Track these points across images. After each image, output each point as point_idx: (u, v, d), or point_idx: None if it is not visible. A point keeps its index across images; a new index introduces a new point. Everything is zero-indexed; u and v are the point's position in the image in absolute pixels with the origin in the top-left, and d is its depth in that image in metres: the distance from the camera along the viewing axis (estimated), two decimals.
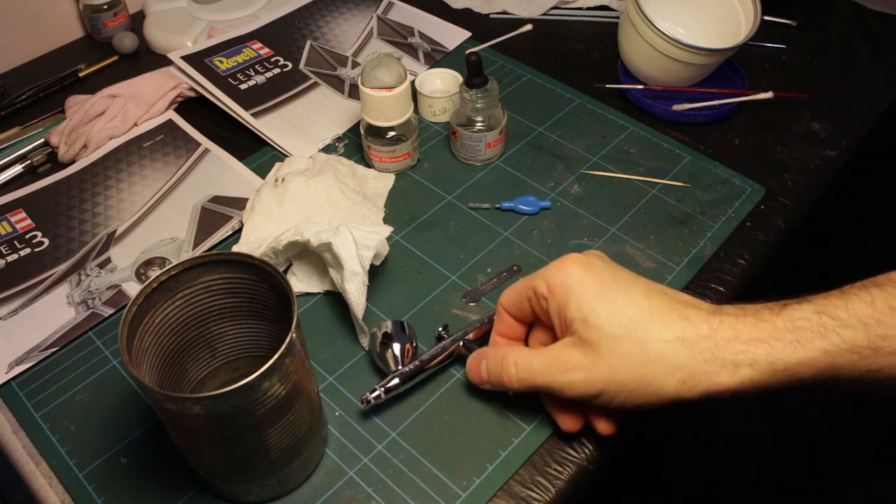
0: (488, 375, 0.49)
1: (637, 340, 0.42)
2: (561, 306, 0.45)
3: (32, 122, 0.76)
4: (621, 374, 0.43)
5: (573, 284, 0.45)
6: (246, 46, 0.82)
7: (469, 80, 0.65)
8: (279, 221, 0.62)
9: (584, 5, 0.88)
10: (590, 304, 0.44)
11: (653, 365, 0.42)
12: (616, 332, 0.43)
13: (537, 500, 0.47)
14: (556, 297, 0.46)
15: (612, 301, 0.44)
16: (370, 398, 0.50)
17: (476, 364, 0.50)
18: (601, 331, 0.43)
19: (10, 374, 0.55)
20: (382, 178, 0.68)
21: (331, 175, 0.64)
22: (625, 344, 0.43)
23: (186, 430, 0.41)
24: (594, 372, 0.43)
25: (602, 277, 0.45)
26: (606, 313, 0.43)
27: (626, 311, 0.43)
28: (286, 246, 0.56)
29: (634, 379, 0.43)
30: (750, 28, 0.70)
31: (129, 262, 0.62)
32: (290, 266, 0.59)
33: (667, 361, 0.42)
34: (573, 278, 0.45)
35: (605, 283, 0.45)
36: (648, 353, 0.42)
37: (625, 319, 0.43)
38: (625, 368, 0.43)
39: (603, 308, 0.44)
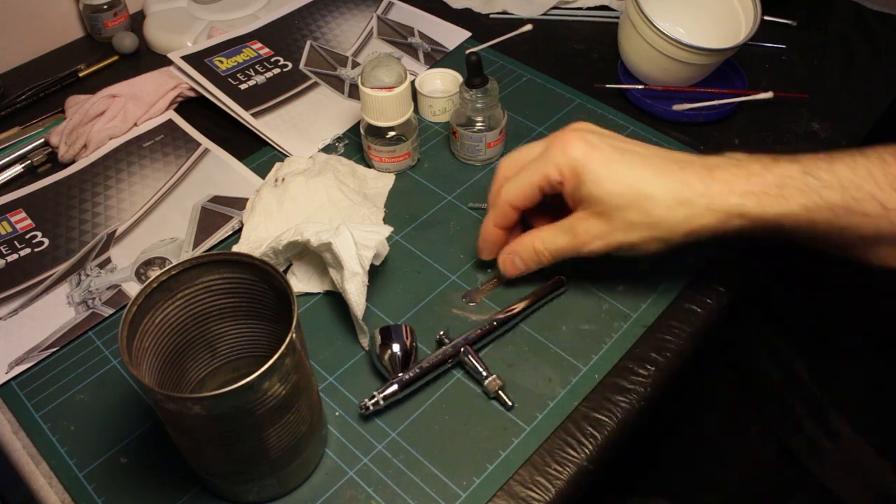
0: (524, 265, 0.55)
1: (642, 209, 0.49)
2: (574, 187, 0.50)
3: (32, 122, 0.76)
4: (633, 236, 0.50)
5: (580, 165, 0.49)
6: (246, 46, 0.82)
7: (469, 80, 0.65)
8: (279, 221, 0.62)
9: (584, 5, 0.88)
10: (598, 182, 0.49)
11: (659, 226, 0.49)
12: (623, 204, 0.49)
13: (537, 500, 0.47)
14: (568, 181, 0.50)
15: (617, 175, 0.49)
16: (369, 405, 0.50)
17: (510, 262, 0.56)
18: (611, 205, 0.49)
19: (10, 374, 0.55)
20: (382, 178, 0.68)
21: (331, 175, 0.64)
22: (632, 213, 0.49)
23: (186, 430, 0.41)
24: (610, 238, 0.50)
25: (605, 153, 0.49)
26: (614, 187, 0.49)
27: (630, 183, 0.49)
28: (286, 246, 0.56)
29: (645, 238, 0.50)
30: (750, 28, 0.70)
31: (129, 262, 0.62)
32: (290, 266, 0.59)
33: (671, 221, 0.48)
34: (579, 159, 0.49)
35: (608, 158, 0.49)
36: (653, 217, 0.49)
37: (630, 191, 0.48)
38: (635, 232, 0.49)
39: (610, 183, 0.49)
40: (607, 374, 0.53)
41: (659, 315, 0.56)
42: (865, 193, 0.46)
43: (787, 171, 0.47)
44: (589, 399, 0.52)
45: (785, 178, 0.47)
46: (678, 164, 0.49)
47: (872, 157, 0.46)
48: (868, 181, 0.46)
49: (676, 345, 0.55)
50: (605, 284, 0.58)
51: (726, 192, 0.48)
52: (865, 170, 0.46)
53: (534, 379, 0.53)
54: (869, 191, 0.45)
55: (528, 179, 0.52)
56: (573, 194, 0.51)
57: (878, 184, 0.46)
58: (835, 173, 0.46)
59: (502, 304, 0.57)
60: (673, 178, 0.48)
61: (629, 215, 0.49)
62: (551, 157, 0.51)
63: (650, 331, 0.56)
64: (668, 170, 0.49)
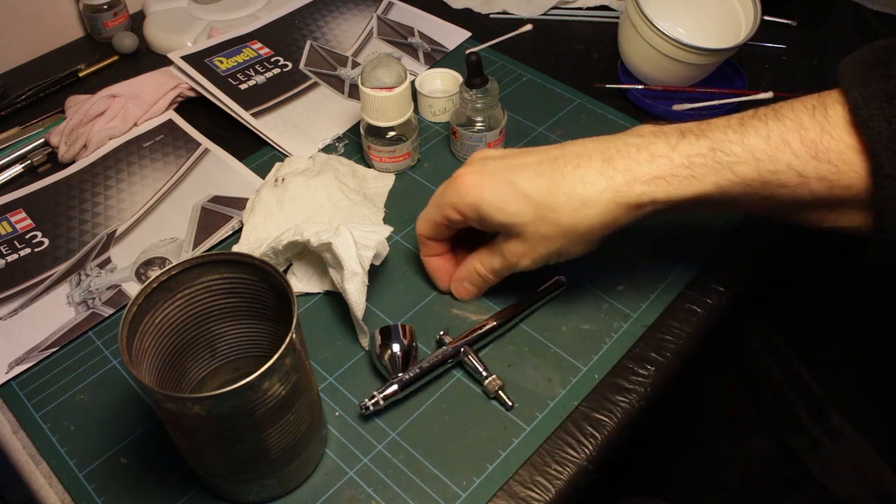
0: (475, 287, 0.56)
1: (548, 220, 0.48)
2: (480, 220, 0.50)
3: (32, 122, 0.76)
4: (552, 247, 0.49)
5: (475, 200, 0.49)
6: (246, 46, 0.82)
7: (469, 80, 0.65)
8: (279, 221, 0.62)
9: (584, 5, 0.88)
10: (499, 210, 0.48)
11: (572, 231, 0.48)
12: (531, 220, 0.48)
13: (537, 500, 0.47)
14: (470, 218, 0.50)
15: (513, 196, 0.48)
16: (369, 405, 0.50)
17: (461, 288, 0.57)
18: (520, 227, 0.49)
19: (10, 374, 0.55)
20: (382, 178, 0.68)
21: (331, 175, 0.64)
22: (541, 226, 0.48)
23: (186, 430, 0.41)
24: (534, 254, 0.50)
25: (495, 179, 0.49)
26: (514, 209, 0.48)
27: (527, 199, 0.48)
28: (286, 246, 0.56)
29: (565, 245, 0.49)
30: (750, 28, 0.70)
31: (129, 262, 0.62)
32: (290, 266, 0.59)
33: (581, 224, 0.47)
34: (473, 194, 0.49)
35: (499, 182, 0.49)
36: (562, 225, 0.48)
37: (530, 207, 0.48)
38: (552, 242, 0.49)
39: (509, 207, 0.48)
40: (607, 374, 0.53)
41: (659, 315, 0.56)
42: (782, 164, 0.43)
43: (695, 149, 0.45)
44: (589, 399, 0.52)
45: (692, 157, 0.45)
46: (574, 161, 0.47)
47: (788, 121, 0.43)
48: (783, 150, 0.43)
49: (676, 345, 0.55)
50: (605, 284, 0.58)
51: (630, 182, 0.46)
52: (780, 138, 0.43)
53: (534, 379, 0.53)
54: (785, 161, 0.43)
55: (432, 217, 0.53)
56: (483, 226, 0.51)
57: (795, 152, 0.43)
58: (746, 146, 0.44)
59: (502, 305, 0.57)
60: (569, 180, 0.47)
61: (540, 229, 0.48)
62: (447, 198, 0.51)
63: (650, 331, 0.56)
64: (562, 172, 0.47)
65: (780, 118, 0.44)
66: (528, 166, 0.49)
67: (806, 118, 0.43)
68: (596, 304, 0.57)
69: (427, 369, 0.51)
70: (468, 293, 0.57)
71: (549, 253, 0.50)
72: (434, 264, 0.58)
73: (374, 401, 0.50)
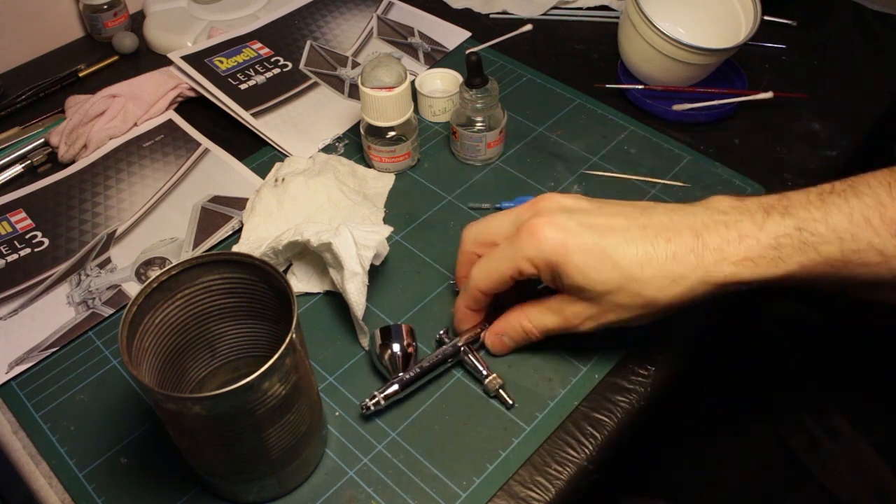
0: (514, 343, 0.53)
1: (632, 292, 0.46)
2: (552, 278, 0.48)
3: (32, 122, 0.76)
4: (625, 316, 0.47)
5: (557, 259, 0.46)
6: (246, 46, 0.82)
7: (469, 80, 0.65)
8: (279, 221, 0.62)
9: (584, 5, 0.88)
10: (580, 273, 0.46)
11: (651, 305, 0.46)
12: (611, 290, 0.46)
13: (537, 500, 0.47)
14: (544, 273, 0.48)
15: (600, 263, 0.46)
16: (369, 405, 0.50)
17: (499, 342, 0.53)
18: (597, 292, 0.46)
19: (10, 374, 0.55)
20: (382, 178, 0.68)
21: (331, 175, 0.64)
22: (621, 296, 0.46)
23: (186, 430, 0.41)
24: (601, 319, 0.48)
25: (581, 241, 0.46)
26: (598, 276, 0.46)
27: (614, 267, 0.46)
28: (286, 246, 0.56)
29: (638, 316, 0.47)
30: (750, 28, 0.70)
31: (129, 262, 0.62)
32: (290, 266, 0.59)
33: (663, 299, 0.46)
34: (556, 252, 0.46)
35: (586, 245, 0.46)
36: (645, 298, 0.46)
37: (617, 276, 0.46)
38: (627, 312, 0.47)
39: (593, 273, 0.46)
40: (607, 374, 0.53)
41: None
42: (864, 243, 0.43)
43: (781, 229, 0.44)
44: (589, 399, 0.52)
45: (780, 238, 0.44)
46: (665, 235, 0.46)
47: (867, 199, 0.43)
48: (865, 229, 0.43)
49: (677, 344, 0.55)
50: None
51: (720, 261, 0.45)
52: (861, 216, 0.43)
53: (534, 379, 0.53)
54: (867, 240, 0.43)
55: (499, 269, 0.49)
56: (554, 283, 0.48)
57: (876, 230, 0.43)
58: (830, 225, 0.43)
59: None
60: (661, 255, 0.45)
61: (619, 299, 0.46)
62: (523, 250, 0.47)
63: (652, 330, 0.55)
64: (654, 245, 0.46)
65: (858, 195, 0.44)
66: (616, 231, 0.46)
67: (884, 195, 0.43)
68: None
69: (427, 368, 0.51)
70: (505, 348, 0.54)
71: (618, 321, 0.48)
72: (465, 314, 0.54)
73: (375, 400, 0.50)
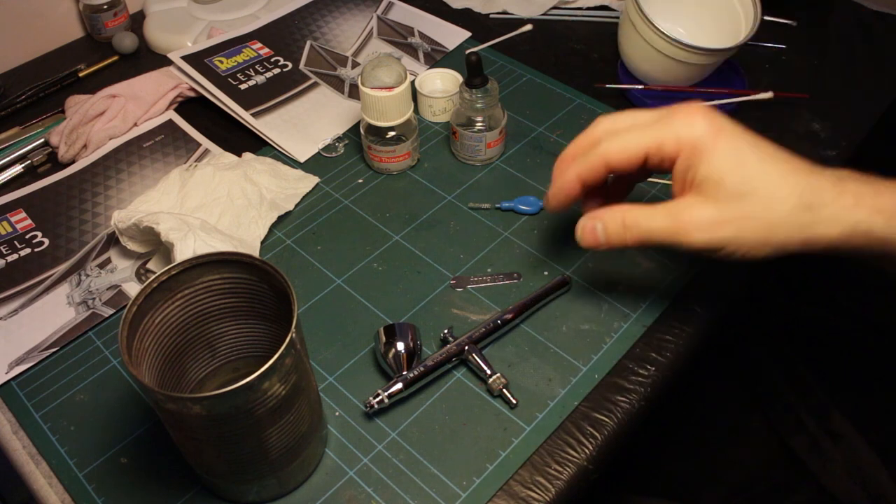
0: (606, 237, 0.49)
1: (765, 204, 0.44)
2: (690, 165, 0.45)
3: (32, 122, 0.76)
4: (745, 233, 0.44)
5: (706, 143, 0.44)
6: (246, 46, 0.82)
7: (469, 80, 0.65)
8: (172, 203, 0.63)
9: (584, 5, 0.88)
10: (723, 165, 0.44)
11: (778, 227, 0.44)
12: (745, 193, 0.44)
13: (537, 500, 0.47)
14: (685, 156, 0.45)
15: (745, 163, 0.44)
16: (374, 403, 0.50)
17: (590, 229, 0.49)
18: (732, 192, 0.44)
19: (10, 374, 0.55)
20: (305, 180, 0.68)
21: (240, 172, 0.65)
22: (753, 206, 0.44)
23: (186, 430, 0.41)
24: (719, 231, 0.45)
25: (733, 137, 0.45)
26: (739, 173, 0.44)
27: (756, 174, 0.44)
28: (144, 229, 0.57)
29: (758, 239, 0.44)
30: (750, 28, 0.70)
31: (130, 263, 0.62)
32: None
33: (792, 224, 0.44)
34: (705, 138, 0.45)
35: (737, 143, 0.45)
36: (775, 215, 0.44)
37: (756, 182, 0.44)
38: (750, 229, 0.44)
39: (736, 168, 0.44)
40: (607, 374, 0.53)
41: (659, 315, 0.56)
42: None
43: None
44: (589, 399, 0.52)
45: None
46: (808, 168, 0.45)
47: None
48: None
49: (676, 345, 0.55)
50: (605, 284, 0.58)
51: (855, 205, 0.43)
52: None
53: (534, 379, 0.53)
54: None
55: (638, 140, 0.47)
56: (685, 173, 0.46)
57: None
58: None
59: (504, 304, 0.57)
60: (802, 180, 0.44)
61: (749, 208, 0.44)
62: (673, 126, 0.46)
63: (650, 331, 0.56)
64: (798, 170, 0.44)
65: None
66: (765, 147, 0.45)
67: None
68: (596, 304, 0.57)
69: (432, 367, 0.51)
70: (595, 239, 0.49)
71: (735, 237, 0.45)
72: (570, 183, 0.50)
73: (379, 399, 0.50)
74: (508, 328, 0.55)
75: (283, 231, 0.64)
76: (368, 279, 0.60)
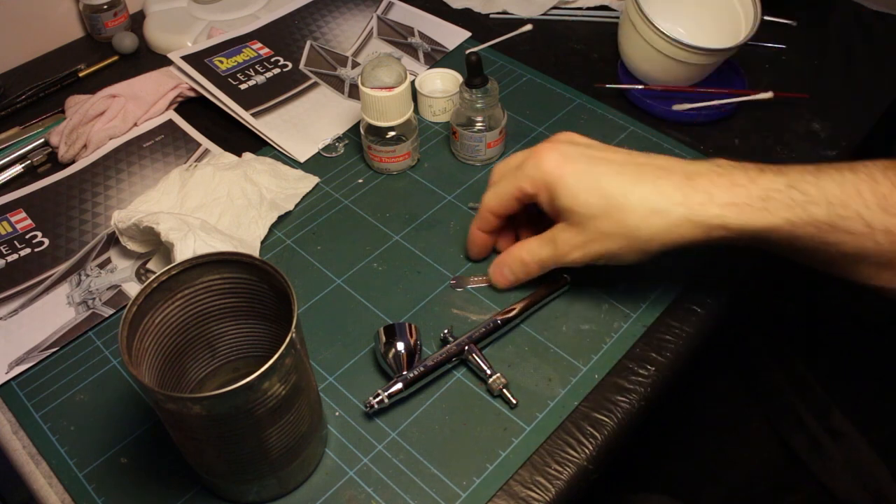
0: (515, 277, 0.56)
1: (616, 219, 0.48)
2: (549, 200, 0.51)
3: (32, 122, 0.76)
4: (609, 246, 0.50)
5: (553, 178, 0.50)
6: (246, 46, 0.82)
7: (469, 80, 0.65)
8: (173, 203, 0.63)
9: (584, 5, 0.88)
10: (571, 194, 0.49)
11: (634, 236, 0.48)
12: (596, 214, 0.49)
13: (537, 500, 0.47)
14: (542, 193, 0.51)
15: (589, 185, 0.49)
16: (374, 403, 0.50)
17: (500, 274, 0.57)
18: (585, 215, 0.49)
19: (10, 374, 0.55)
20: (305, 180, 0.68)
21: (240, 172, 0.65)
22: (605, 223, 0.49)
23: (186, 430, 0.41)
24: (587, 249, 0.51)
25: (577, 166, 0.50)
26: (587, 198, 0.49)
27: (602, 192, 0.48)
28: (144, 229, 0.57)
29: (622, 248, 0.49)
30: (750, 28, 0.70)
31: (130, 263, 0.62)
32: None
33: (646, 231, 0.48)
34: (552, 172, 0.50)
35: (581, 169, 0.49)
36: (627, 227, 0.48)
37: (603, 201, 0.48)
38: (611, 242, 0.49)
39: (583, 194, 0.49)
40: (607, 374, 0.53)
41: (659, 315, 0.56)
42: (852, 211, 0.44)
43: (773, 184, 0.46)
44: (589, 399, 0.52)
45: (770, 191, 0.46)
46: (656, 172, 0.48)
47: (861, 174, 0.45)
48: (855, 199, 0.44)
49: (676, 345, 0.55)
50: (605, 284, 0.58)
51: (706, 203, 0.47)
52: (853, 187, 0.45)
53: (534, 379, 0.53)
54: (855, 209, 0.44)
55: (504, 190, 0.53)
56: (549, 206, 0.51)
57: (866, 202, 0.44)
58: (821, 188, 0.45)
59: (504, 304, 0.57)
60: (648, 187, 0.48)
61: (603, 225, 0.49)
62: (526, 170, 0.51)
63: (650, 331, 0.56)
64: (643, 178, 0.48)
65: (854, 170, 0.46)
66: (612, 163, 0.50)
67: (878, 174, 0.45)
68: (596, 304, 0.57)
69: (432, 367, 0.51)
70: (506, 280, 0.57)
71: (604, 251, 0.50)
72: (475, 236, 0.58)
73: (379, 399, 0.50)
74: (508, 328, 0.55)
75: (283, 231, 0.64)
76: (368, 279, 0.60)
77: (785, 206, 0.45)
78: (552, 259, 0.53)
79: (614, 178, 0.49)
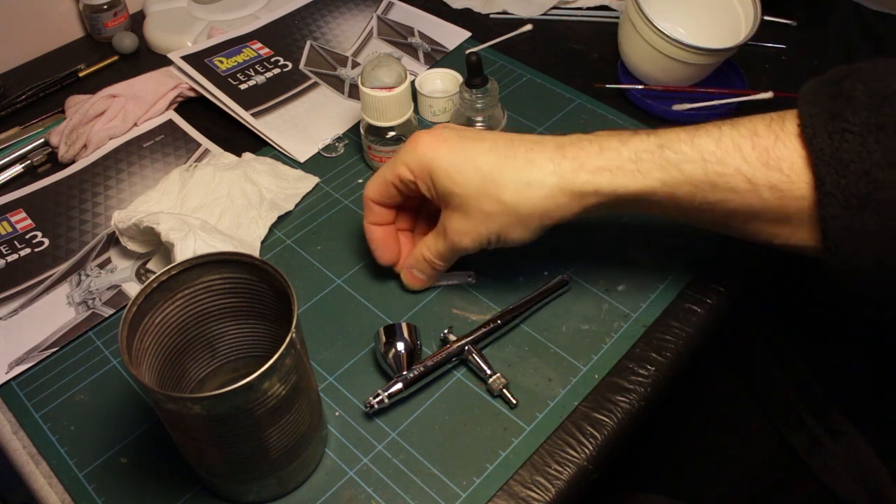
0: (424, 275, 0.56)
1: (492, 196, 0.47)
2: (428, 186, 0.50)
3: (32, 122, 0.76)
4: (493, 226, 0.49)
5: (428, 161, 0.49)
6: (246, 46, 0.82)
7: (469, 80, 0.65)
8: (173, 203, 0.63)
9: (584, 5, 0.88)
10: (448, 175, 0.48)
11: (513, 211, 0.47)
12: (474, 193, 0.48)
13: (537, 500, 0.47)
14: (420, 178, 0.50)
15: (463, 164, 0.48)
16: (374, 403, 0.50)
17: (410, 276, 0.57)
18: (465, 196, 0.48)
19: (10, 374, 0.55)
20: (305, 180, 0.68)
21: (240, 172, 0.65)
22: (484, 202, 0.48)
23: (186, 430, 0.41)
24: (476, 232, 0.49)
25: (451, 145, 0.49)
26: (462, 178, 0.48)
27: (475, 170, 0.47)
28: (144, 229, 0.57)
29: (505, 226, 0.48)
30: (750, 28, 0.70)
31: (130, 263, 0.62)
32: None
33: (522, 204, 0.47)
34: (427, 155, 0.49)
35: (455, 150, 0.49)
36: (504, 203, 0.47)
37: (477, 179, 0.47)
38: (493, 221, 0.48)
39: (458, 175, 0.48)
40: (607, 374, 0.53)
41: (659, 315, 0.56)
42: (730, 168, 0.43)
43: (644, 145, 0.45)
44: (589, 399, 0.52)
45: (640, 153, 0.45)
46: (527, 145, 0.48)
47: (743, 129, 0.44)
48: (734, 155, 0.43)
49: (676, 345, 0.55)
50: (605, 284, 0.58)
51: (577, 169, 0.46)
52: (731, 142, 0.43)
53: (534, 379, 0.53)
54: (734, 165, 0.43)
55: (382, 177, 0.53)
56: (431, 193, 0.50)
57: (746, 158, 0.43)
58: (696, 146, 0.44)
59: (504, 304, 0.57)
60: (519, 160, 0.47)
61: (484, 205, 0.48)
62: (402, 156, 0.51)
63: (650, 331, 0.56)
64: (514, 152, 0.48)
65: (735, 126, 0.44)
66: (483, 141, 0.49)
67: (762, 128, 0.44)
68: (596, 304, 0.57)
69: (432, 367, 0.51)
70: (417, 281, 0.57)
71: (489, 233, 0.49)
72: (376, 234, 0.56)
73: (379, 399, 0.50)
74: (508, 328, 0.55)
75: (283, 231, 0.64)
76: (368, 279, 0.60)
77: (657, 167, 0.45)
78: (448, 250, 0.52)
79: (487, 154, 0.48)
